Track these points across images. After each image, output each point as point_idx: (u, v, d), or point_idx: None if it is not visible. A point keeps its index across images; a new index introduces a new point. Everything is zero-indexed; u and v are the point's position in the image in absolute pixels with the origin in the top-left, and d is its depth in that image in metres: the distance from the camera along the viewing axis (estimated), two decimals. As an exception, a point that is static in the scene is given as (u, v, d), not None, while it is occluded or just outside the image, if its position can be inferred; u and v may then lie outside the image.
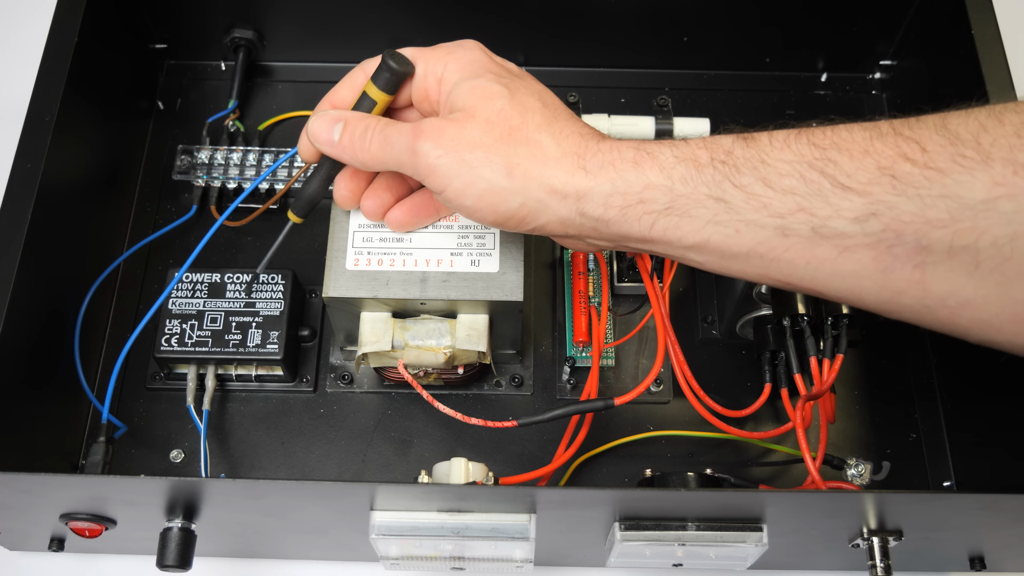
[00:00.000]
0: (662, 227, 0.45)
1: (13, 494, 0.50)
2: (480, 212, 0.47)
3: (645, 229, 0.45)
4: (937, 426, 0.64)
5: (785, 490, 0.58)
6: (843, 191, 0.41)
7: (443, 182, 0.47)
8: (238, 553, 0.61)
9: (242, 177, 0.69)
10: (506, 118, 0.47)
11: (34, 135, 0.58)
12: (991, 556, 0.56)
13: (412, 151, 0.47)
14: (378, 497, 0.48)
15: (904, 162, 0.40)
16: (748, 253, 0.44)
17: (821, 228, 0.42)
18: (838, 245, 0.42)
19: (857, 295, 0.44)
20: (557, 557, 0.59)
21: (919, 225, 0.40)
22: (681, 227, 0.45)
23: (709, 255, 0.46)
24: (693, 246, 0.45)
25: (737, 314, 0.62)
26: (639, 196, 0.45)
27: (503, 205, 0.47)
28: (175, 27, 0.74)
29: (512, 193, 0.46)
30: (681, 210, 0.45)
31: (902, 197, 0.40)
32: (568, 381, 0.64)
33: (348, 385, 0.64)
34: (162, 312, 0.61)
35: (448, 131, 0.47)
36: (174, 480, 0.48)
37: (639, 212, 0.45)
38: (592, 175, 0.46)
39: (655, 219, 0.45)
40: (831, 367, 0.56)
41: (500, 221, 0.47)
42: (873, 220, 0.41)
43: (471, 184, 0.46)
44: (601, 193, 0.45)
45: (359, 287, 0.55)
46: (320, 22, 0.73)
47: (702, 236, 0.45)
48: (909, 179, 0.40)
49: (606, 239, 0.48)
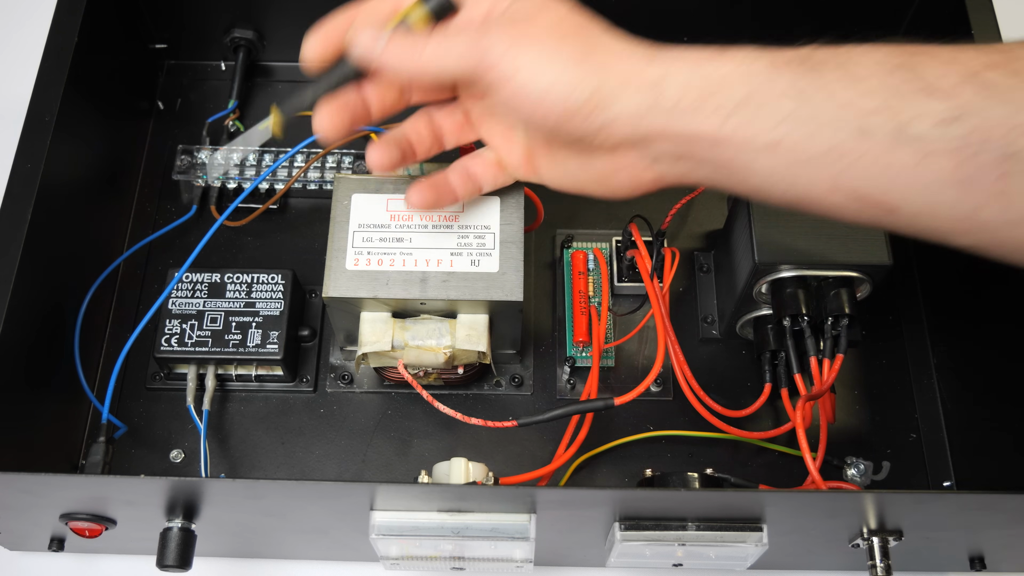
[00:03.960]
0: (735, 123, 0.43)
1: (13, 494, 0.50)
2: (547, 103, 0.45)
3: (717, 125, 0.43)
4: (937, 426, 0.64)
5: (785, 490, 0.58)
6: (928, 93, 0.40)
7: (511, 70, 0.45)
8: (238, 553, 0.61)
9: (242, 177, 0.69)
10: (570, 21, 0.46)
11: (34, 135, 0.58)
12: (991, 556, 0.56)
13: (476, 44, 0.46)
14: (378, 497, 0.48)
15: (992, 70, 0.39)
16: (823, 155, 0.42)
17: (903, 130, 0.40)
18: (919, 150, 0.40)
19: (932, 209, 0.42)
20: (557, 557, 0.59)
21: (1006, 131, 0.38)
22: (755, 123, 0.43)
23: (779, 159, 0.43)
24: (765, 146, 0.43)
25: (737, 314, 0.62)
26: (716, 87, 0.43)
27: (575, 92, 0.44)
28: (175, 27, 0.74)
29: (585, 79, 0.44)
30: (757, 104, 0.43)
31: (990, 101, 0.39)
32: (568, 381, 0.64)
33: (348, 385, 0.64)
34: (162, 312, 0.61)
35: (516, 26, 0.46)
36: (174, 480, 0.48)
37: (714, 104, 0.43)
38: (667, 65, 0.44)
39: (729, 113, 0.43)
40: (831, 367, 0.56)
41: (567, 114, 0.45)
42: (958, 124, 0.39)
43: (542, 71, 0.45)
44: (677, 82, 0.44)
45: (359, 287, 0.55)
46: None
47: (776, 135, 0.43)
48: (998, 84, 0.39)
49: (673, 142, 0.45)
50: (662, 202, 0.67)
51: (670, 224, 0.63)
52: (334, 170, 0.70)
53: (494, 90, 0.46)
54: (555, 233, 0.69)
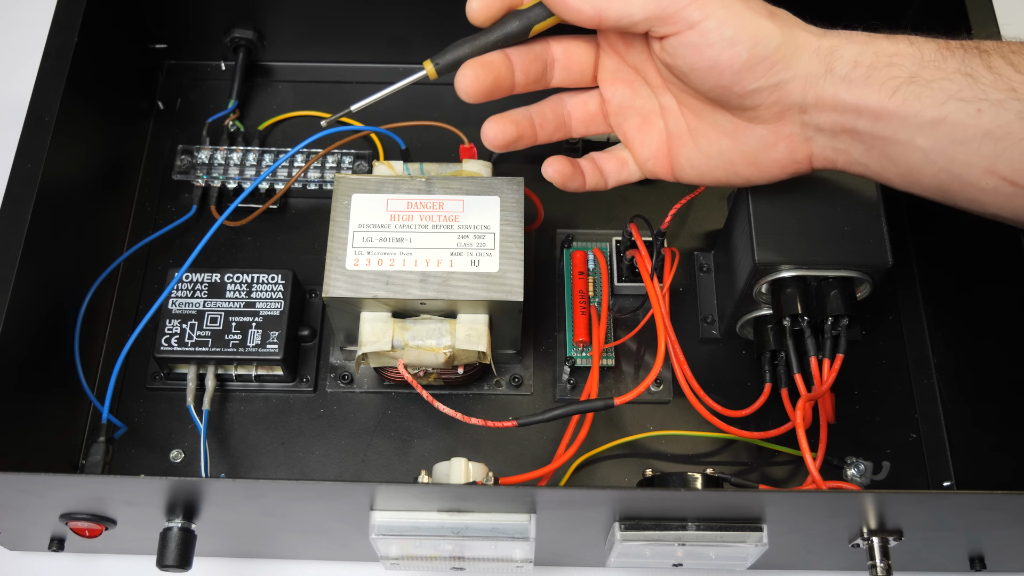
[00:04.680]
0: (902, 96, 0.45)
1: (13, 494, 0.50)
2: (734, 50, 0.46)
3: (885, 97, 0.45)
4: (937, 426, 0.64)
5: (785, 490, 0.58)
6: None
7: (701, 15, 0.46)
8: (238, 553, 0.61)
9: (242, 177, 0.69)
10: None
11: (34, 135, 0.58)
12: (991, 556, 0.56)
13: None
14: (378, 497, 0.48)
15: None
16: (984, 136, 0.44)
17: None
18: None
19: None
20: (557, 557, 0.59)
21: None
22: (922, 98, 0.45)
23: (940, 137, 0.45)
24: (928, 122, 0.45)
25: (737, 314, 0.62)
26: (886, 62, 0.45)
27: (763, 42, 0.46)
28: (175, 27, 0.74)
29: (772, 34, 0.46)
30: (926, 79, 0.45)
31: None
32: (568, 381, 0.64)
33: (348, 385, 0.64)
34: (162, 312, 0.61)
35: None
36: (174, 480, 0.48)
37: (884, 76, 0.45)
38: (841, 39, 0.47)
39: (898, 85, 0.45)
40: (831, 367, 0.56)
41: (750, 64, 0.46)
42: None
43: (731, 19, 0.46)
44: (852, 51, 0.46)
45: (359, 287, 0.55)
46: (320, 22, 0.73)
47: (941, 112, 0.44)
48: None
49: (838, 112, 0.47)
50: (662, 202, 0.67)
51: (670, 224, 0.63)
52: (334, 170, 0.70)
53: (676, 38, 0.47)
54: (555, 233, 0.69)
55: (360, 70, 0.76)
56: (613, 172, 0.56)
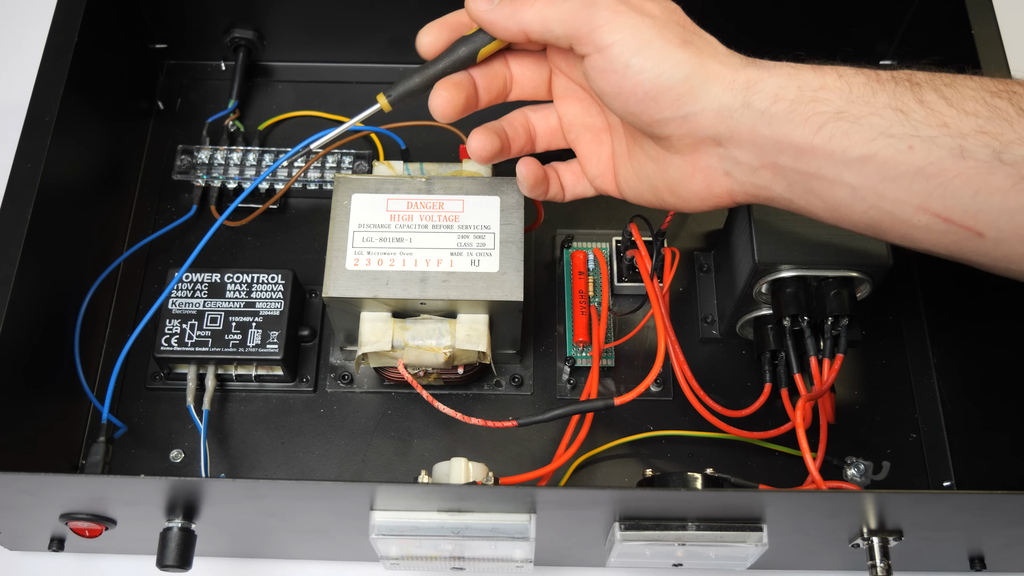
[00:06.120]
0: (829, 132, 0.43)
1: (13, 494, 0.50)
2: (638, 78, 0.45)
3: (810, 133, 0.43)
4: (937, 426, 0.64)
5: (785, 490, 0.58)
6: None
7: (610, 39, 0.45)
8: (238, 553, 0.61)
9: (242, 177, 0.69)
10: (679, 15, 0.47)
11: (34, 135, 0.58)
12: (991, 556, 0.56)
13: (583, 8, 0.46)
14: (378, 497, 0.48)
15: None
16: (915, 174, 0.42)
17: (1002, 153, 0.40)
18: (1015, 174, 0.40)
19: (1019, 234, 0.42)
20: (557, 557, 0.59)
21: None
22: (851, 135, 0.42)
23: (869, 176, 0.43)
24: (857, 159, 0.43)
25: (737, 314, 0.62)
26: (813, 94, 0.43)
27: (669, 72, 0.44)
28: (175, 27, 0.74)
29: (680, 64, 0.44)
30: (854, 116, 0.42)
31: None
32: (568, 381, 0.64)
33: (348, 385, 0.64)
34: (162, 312, 0.61)
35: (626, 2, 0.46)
36: (174, 480, 0.48)
37: (809, 111, 0.43)
38: (764, 71, 0.45)
39: (824, 121, 0.43)
40: (831, 367, 0.56)
41: (655, 93, 0.45)
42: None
43: (639, 46, 0.45)
44: (774, 85, 0.44)
45: (359, 287, 0.55)
46: (320, 22, 0.73)
47: (871, 148, 0.42)
48: None
49: (758, 146, 0.45)
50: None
51: (670, 224, 0.63)
52: (334, 170, 0.70)
53: (588, 60, 0.46)
54: (555, 233, 0.69)
55: (360, 70, 0.76)
56: (570, 185, 0.56)
